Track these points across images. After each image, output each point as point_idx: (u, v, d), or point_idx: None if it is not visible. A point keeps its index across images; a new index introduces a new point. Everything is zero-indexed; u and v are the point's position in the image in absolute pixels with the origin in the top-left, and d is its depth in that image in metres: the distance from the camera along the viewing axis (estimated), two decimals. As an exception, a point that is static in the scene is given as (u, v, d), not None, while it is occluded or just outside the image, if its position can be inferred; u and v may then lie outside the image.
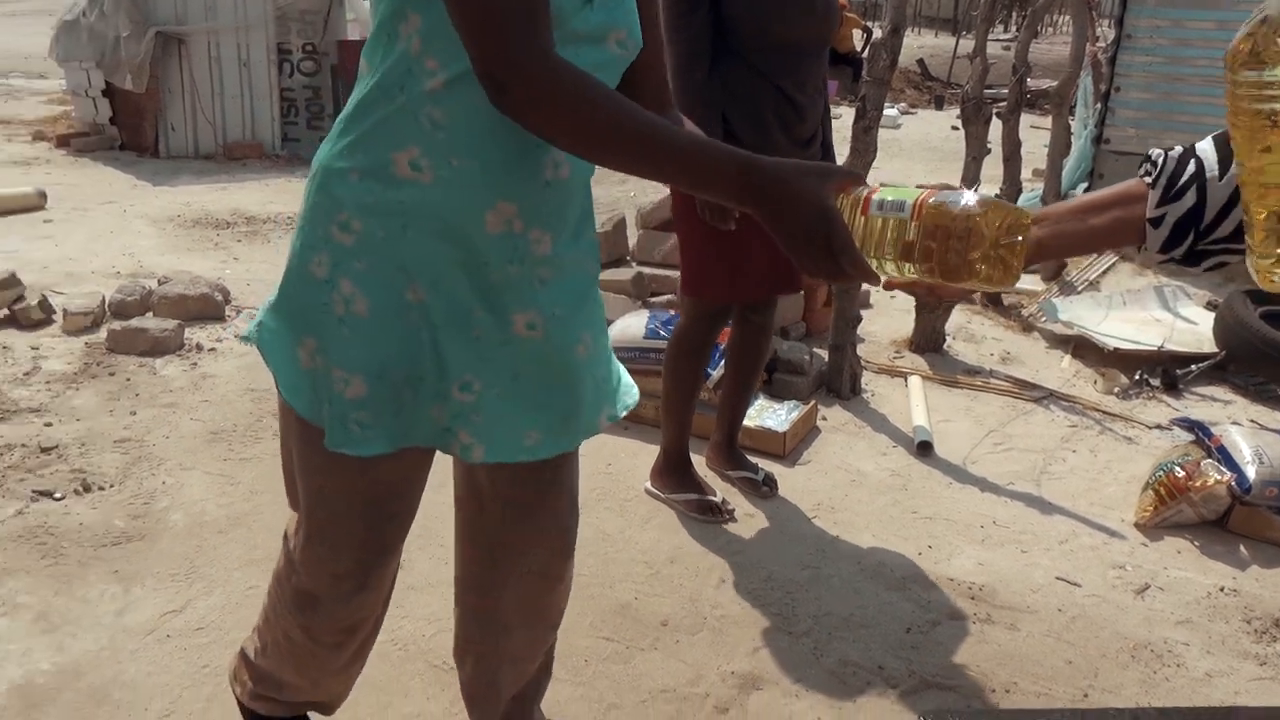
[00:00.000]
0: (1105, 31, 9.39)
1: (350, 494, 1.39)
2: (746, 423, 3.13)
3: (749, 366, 2.81)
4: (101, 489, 2.68)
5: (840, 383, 3.54)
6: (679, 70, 2.34)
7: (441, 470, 1.50)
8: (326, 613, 1.49)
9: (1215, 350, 3.89)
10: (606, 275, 3.89)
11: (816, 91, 2.50)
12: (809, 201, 1.06)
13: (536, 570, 1.58)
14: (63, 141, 7.95)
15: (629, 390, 1.52)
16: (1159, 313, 4.46)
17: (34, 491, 2.64)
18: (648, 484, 2.82)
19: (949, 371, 3.85)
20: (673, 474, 2.76)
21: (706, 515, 2.68)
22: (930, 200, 1.04)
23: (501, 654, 1.67)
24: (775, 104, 2.41)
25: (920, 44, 18.83)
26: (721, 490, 2.82)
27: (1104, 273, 5.25)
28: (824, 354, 3.64)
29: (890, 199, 1.07)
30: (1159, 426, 3.42)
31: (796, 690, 2.05)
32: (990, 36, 4.64)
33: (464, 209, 1.24)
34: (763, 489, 2.84)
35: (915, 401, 3.48)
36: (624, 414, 1.49)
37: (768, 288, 2.62)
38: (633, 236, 4.17)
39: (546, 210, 1.27)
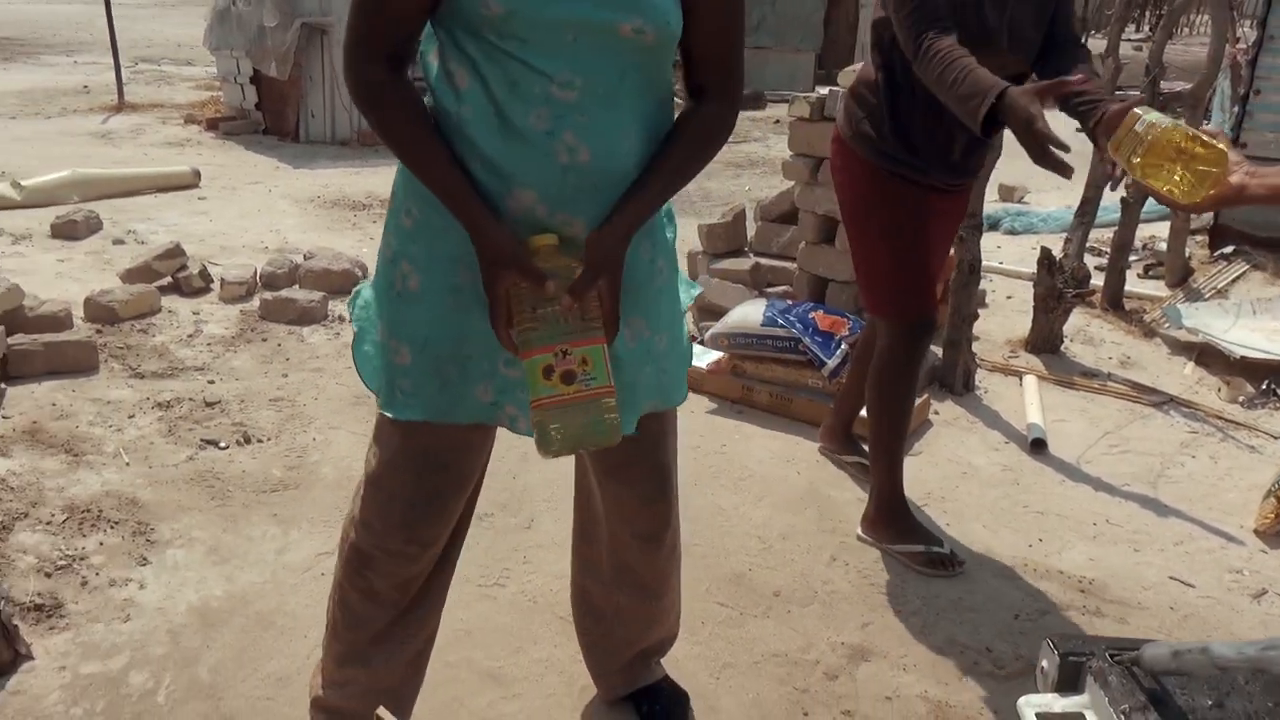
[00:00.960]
0: (1246, 33, 8.99)
1: (399, 451, 1.50)
2: (862, 413, 3.20)
3: None
4: (260, 441, 2.93)
5: (954, 378, 3.57)
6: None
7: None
8: (380, 566, 1.56)
9: (1351, 363, 3.77)
10: (726, 264, 4.00)
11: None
12: (489, 285, 1.34)
13: (633, 533, 1.71)
14: (211, 125, 8.48)
15: (679, 387, 1.62)
16: (1291, 323, 4.32)
17: (202, 440, 2.91)
18: (859, 531, 2.60)
19: (1065, 373, 3.84)
20: (893, 523, 2.53)
21: (936, 570, 2.46)
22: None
23: (610, 606, 1.81)
24: (927, 122, 2.24)
25: (1046, 43, 18.27)
26: (833, 475, 2.91)
27: (1233, 281, 5.09)
28: (938, 349, 3.67)
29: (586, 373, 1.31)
30: (1285, 437, 3.36)
31: (904, 664, 2.14)
32: (1122, 36, 4.57)
33: (487, 198, 1.36)
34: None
35: (1030, 400, 3.49)
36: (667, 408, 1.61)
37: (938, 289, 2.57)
38: (751, 228, 4.26)
39: (569, 195, 1.35)
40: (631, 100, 1.36)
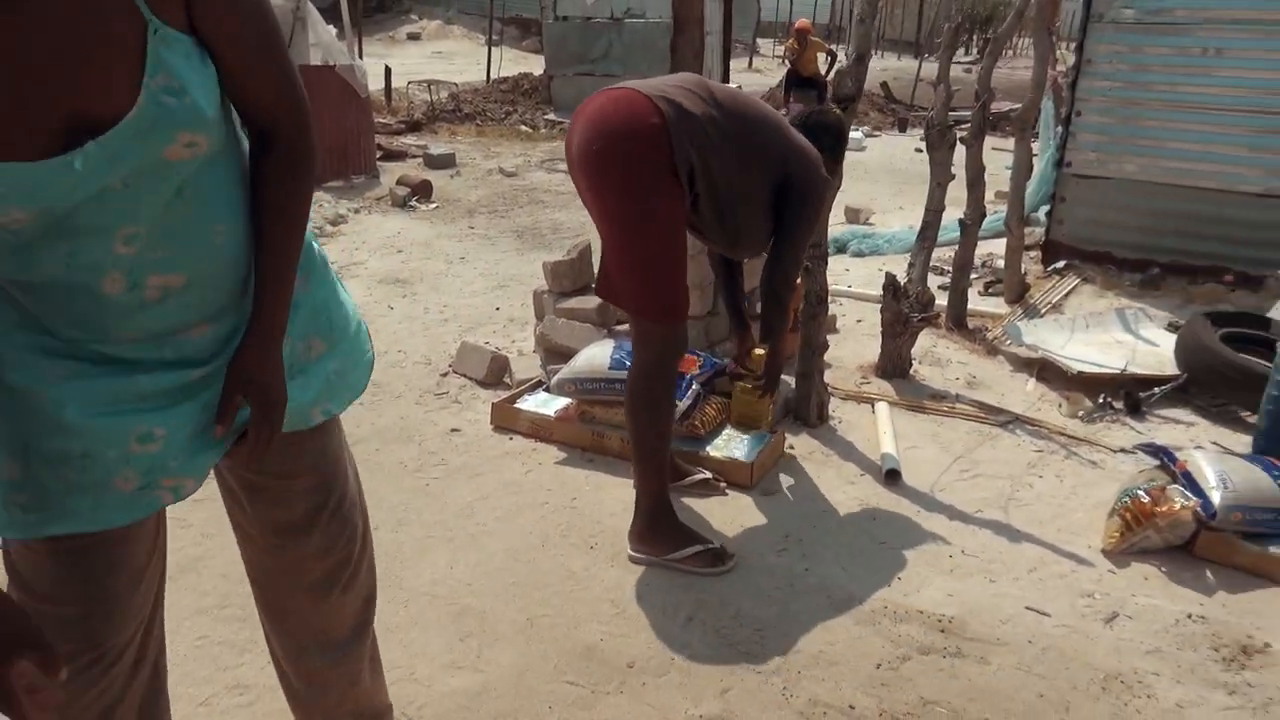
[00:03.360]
0: (1065, 54, 9.52)
1: (51, 568, 1.27)
2: (714, 453, 3.11)
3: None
4: (49, 533, 2.59)
5: (808, 411, 3.52)
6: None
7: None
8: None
9: (1177, 372, 3.91)
10: (572, 303, 3.85)
11: None
12: None
13: (308, 584, 1.57)
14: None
15: (352, 389, 1.51)
16: (1121, 335, 4.49)
17: (-23, 537, 2.54)
18: (631, 551, 2.60)
19: (915, 396, 3.84)
20: (663, 532, 2.55)
21: (716, 566, 2.53)
22: None
23: (309, 677, 1.67)
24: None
25: (884, 66, 19.04)
26: (689, 524, 2.79)
27: (1067, 295, 5.28)
28: (791, 381, 3.62)
29: None
30: (1123, 450, 3.43)
31: (765, 732, 2.01)
32: (953, 59, 4.67)
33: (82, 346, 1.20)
34: (716, 481, 2.97)
35: (883, 428, 3.47)
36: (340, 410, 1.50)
37: None
38: (598, 264, 4.14)
39: (179, 313, 1.23)
40: (204, 202, 1.20)
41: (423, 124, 11.26)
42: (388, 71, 12.39)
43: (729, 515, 2.88)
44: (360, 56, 9.63)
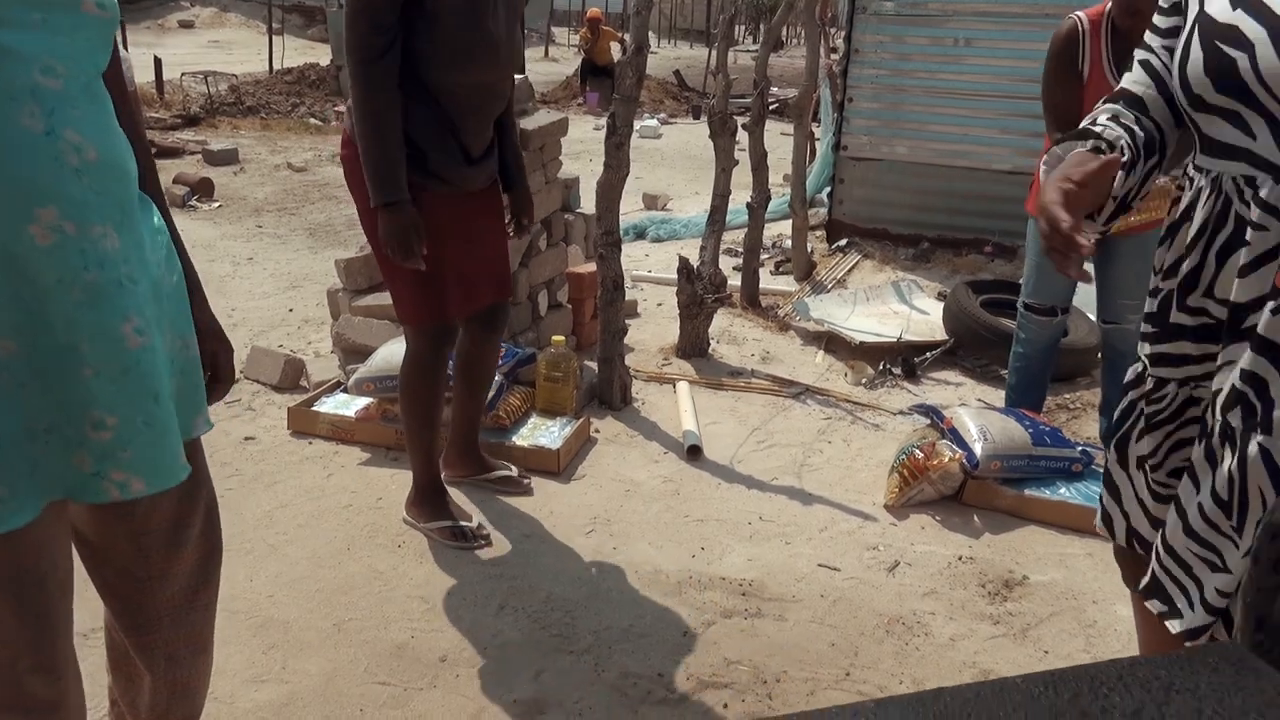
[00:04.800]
0: (841, 43, 10.08)
1: None
2: (520, 442, 3.14)
3: (480, 375, 2.85)
4: None
5: (611, 394, 3.60)
6: (367, 98, 2.26)
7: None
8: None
9: (945, 337, 4.27)
10: (369, 300, 3.77)
11: (485, 128, 2.51)
12: None
13: (189, 586, 1.49)
14: None
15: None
16: (897, 305, 4.84)
17: None
18: (404, 515, 2.77)
19: (714, 374, 4.01)
20: (426, 503, 2.73)
21: (460, 542, 2.66)
22: None
23: (175, 687, 1.53)
24: (434, 126, 2.38)
25: (677, 55, 19.52)
26: (498, 514, 2.81)
27: (849, 271, 5.63)
28: (594, 365, 3.69)
29: None
30: (901, 412, 3.71)
31: (579, 709, 2.06)
32: (739, 47, 4.87)
33: (2, 233, 1.11)
34: (523, 480, 2.99)
35: (684, 407, 3.60)
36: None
37: (476, 300, 2.62)
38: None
39: (93, 203, 1.17)
40: (105, 103, 1.23)
41: (201, 118, 10.62)
42: (158, 62, 11.60)
43: (538, 503, 2.92)
44: (125, 47, 8.96)
